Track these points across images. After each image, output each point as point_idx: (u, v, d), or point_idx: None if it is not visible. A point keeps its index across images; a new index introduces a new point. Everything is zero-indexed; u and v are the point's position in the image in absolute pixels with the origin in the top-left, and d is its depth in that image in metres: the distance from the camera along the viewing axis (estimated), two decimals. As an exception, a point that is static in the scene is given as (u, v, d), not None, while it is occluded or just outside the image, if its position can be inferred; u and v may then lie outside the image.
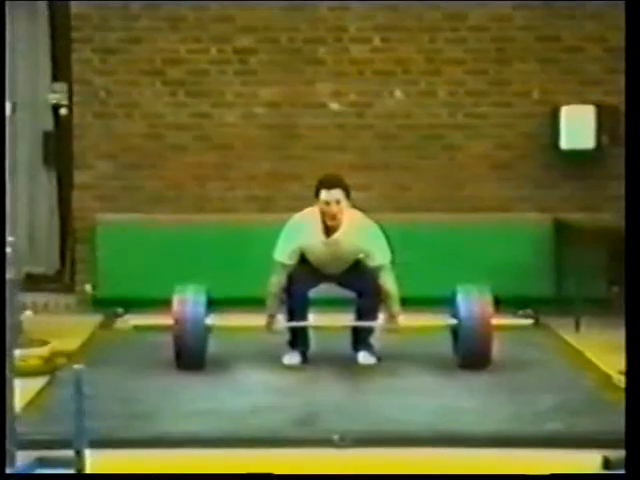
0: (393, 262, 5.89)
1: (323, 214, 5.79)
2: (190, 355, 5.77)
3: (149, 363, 5.93)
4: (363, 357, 5.98)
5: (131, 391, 5.34)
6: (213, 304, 5.99)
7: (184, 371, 5.74)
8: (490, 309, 5.81)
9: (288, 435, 4.60)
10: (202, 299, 5.87)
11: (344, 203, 5.81)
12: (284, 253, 5.85)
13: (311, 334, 6.06)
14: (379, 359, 5.97)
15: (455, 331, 5.91)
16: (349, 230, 5.82)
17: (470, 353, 5.78)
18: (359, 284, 5.92)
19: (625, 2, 4.93)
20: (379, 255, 5.82)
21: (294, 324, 5.95)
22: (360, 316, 6.00)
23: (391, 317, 5.90)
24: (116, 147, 7.82)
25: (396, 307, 5.88)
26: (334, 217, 5.78)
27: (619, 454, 4.01)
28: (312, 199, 5.85)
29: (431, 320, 6.15)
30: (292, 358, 5.96)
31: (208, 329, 5.87)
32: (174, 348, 5.77)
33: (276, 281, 5.87)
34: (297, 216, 5.94)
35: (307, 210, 5.92)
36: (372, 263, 5.83)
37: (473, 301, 5.85)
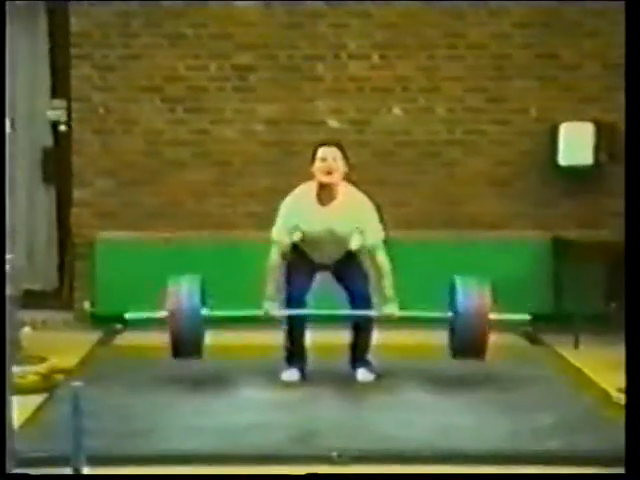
0: (386, 242, 5.86)
1: (319, 174, 5.74)
2: (186, 346, 5.70)
3: (147, 380, 5.91)
4: (362, 374, 5.96)
5: (129, 408, 5.33)
6: (208, 294, 5.88)
7: (182, 388, 5.73)
8: (488, 302, 5.71)
9: (286, 452, 4.59)
10: (197, 290, 5.78)
11: (341, 164, 5.78)
12: (280, 231, 5.82)
13: (309, 350, 6.04)
14: (378, 376, 5.96)
15: (451, 323, 5.82)
16: (345, 201, 5.79)
17: (465, 346, 5.70)
18: (353, 284, 5.88)
19: (625, 4, 4.96)
20: (373, 232, 5.81)
21: (292, 312, 5.84)
22: (357, 330, 5.97)
23: (386, 300, 5.82)
24: (115, 163, 7.83)
25: (390, 290, 5.83)
26: (330, 173, 5.72)
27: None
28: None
29: (427, 312, 6.02)
30: (291, 375, 5.94)
31: (204, 320, 5.78)
32: (170, 340, 5.70)
33: (273, 262, 5.83)
34: (292, 193, 5.90)
35: (301, 185, 5.89)
36: (366, 241, 5.78)
37: (471, 294, 5.75)
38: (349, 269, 5.93)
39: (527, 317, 5.98)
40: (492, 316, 5.68)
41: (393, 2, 7.79)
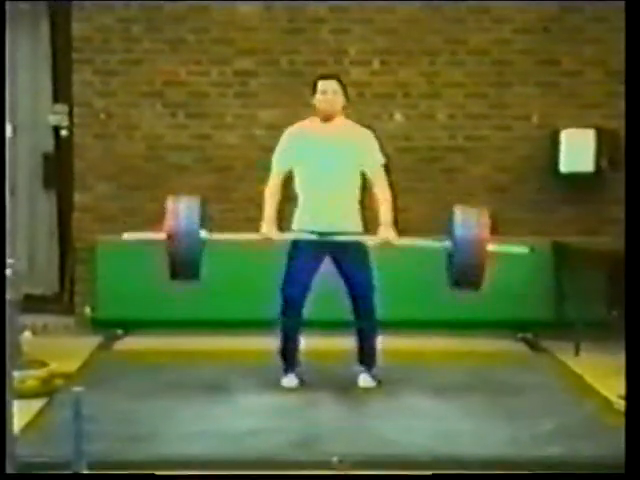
0: (386, 167, 5.87)
1: (320, 104, 5.82)
2: (184, 268, 5.63)
3: (148, 385, 5.91)
4: (363, 380, 5.95)
5: (130, 413, 5.33)
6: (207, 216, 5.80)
7: (182, 392, 5.71)
8: (486, 233, 5.63)
9: (287, 457, 4.60)
10: (196, 211, 5.68)
11: (341, 98, 5.86)
12: (279, 155, 5.88)
13: (310, 356, 6.04)
14: (379, 382, 5.95)
15: (450, 253, 5.74)
16: (344, 128, 5.88)
17: (463, 276, 5.66)
18: (357, 277, 5.84)
19: (625, 4, 4.96)
20: (373, 156, 5.83)
21: (290, 235, 5.83)
22: (361, 335, 5.96)
23: (385, 226, 5.77)
24: (116, 168, 7.83)
25: (388, 215, 5.78)
26: (331, 105, 5.81)
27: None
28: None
29: (426, 241, 5.97)
30: (290, 381, 5.92)
31: (203, 242, 5.68)
32: (168, 262, 5.62)
33: (271, 186, 5.85)
34: (294, 125, 5.97)
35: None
36: (367, 165, 5.79)
37: (470, 224, 5.67)
38: (350, 255, 5.84)
39: (526, 250, 5.91)
40: (491, 247, 5.61)
41: (394, 8, 7.80)
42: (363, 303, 5.91)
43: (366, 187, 5.94)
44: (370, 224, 5.97)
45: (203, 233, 5.66)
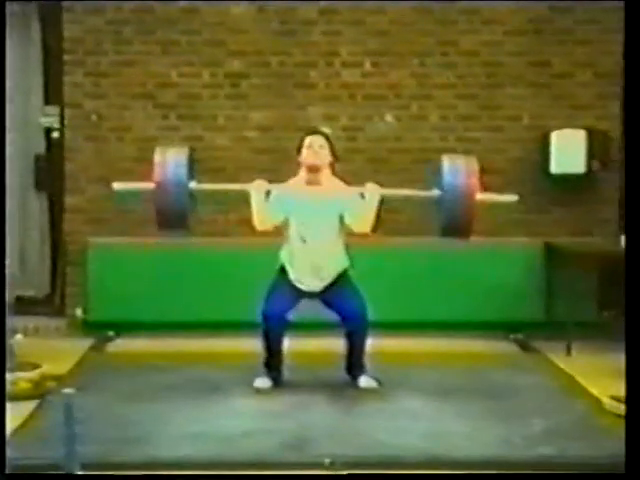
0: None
1: (306, 159, 5.79)
2: (172, 218, 5.62)
3: (140, 387, 5.90)
4: (365, 382, 5.93)
5: (122, 415, 5.32)
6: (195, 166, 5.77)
7: (175, 394, 5.70)
8: (475, 181, 5.62)
9: (279, 459, 4.59)
10: (184, 161, 5.65)
11: (327, 153, 5.83)
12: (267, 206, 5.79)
13: (303, 358, 6.04)
14: (380, 383, 5.93)
15: (438, 201, 5.75)
16: (331, 181, 5.85)
17: (452, 224, 5.67)
18: (345, 306, 5.86)
19: (625, 7, 4.99)
20: (355, 200, 5.78)
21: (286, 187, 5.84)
22: (350, 338, 5.96)
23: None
24: (108, 170, 7.80)
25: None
26: (318, 157, 5.78)
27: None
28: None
29: (414, 191, 5.98)
30: (263, 383, 5.90)
31: (191, 193, 5.65)
32: (155, 211, 5.60)
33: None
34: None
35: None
36: (348, 210, 5.76)
37: (458, 172, 5.66)
38: (338, 289, 5.88)
39: (515, 198, 5.92)
40: (479, 196, 5.60)
41: (385, 9, 7.81)
42: (356, 327, 5.90)
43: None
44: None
45: (192, 184, 5.66)
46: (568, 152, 7.68)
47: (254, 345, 5.98)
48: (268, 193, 5.81)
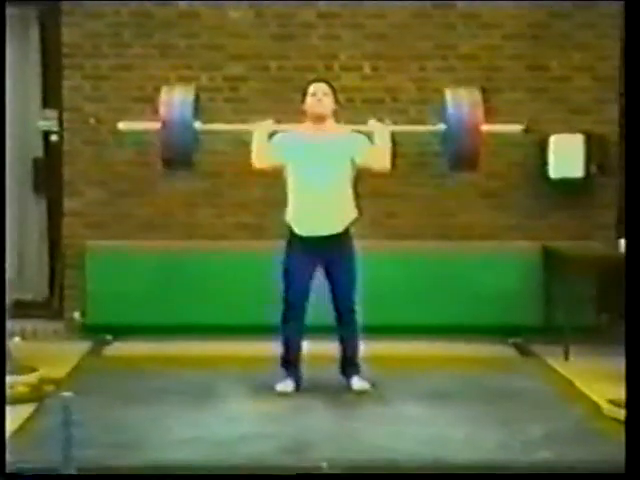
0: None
1: (310, 107, 5.82)
2: (177, 156, 5.68)
3: (137, 391, 5.90)
4: (356, 383, 5.93)
5: (119, 419, 5.31)
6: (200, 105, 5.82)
7: (172, 399, 5.70)
8: (480, 113, 5.66)
9: (277, 463, 4.59)
10: (190, 101, 5.71)
11: (331, 100, 5.87)
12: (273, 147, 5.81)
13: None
14: (372, 384, 5.94)
15: (444, 136, 5.77)
16: (336, 126, 5.89)
17: (458, 157, 5.71)
18: (340, 287, 5.83)
19: (625, 7, 4.99)
20: (364, 144, 5.83)
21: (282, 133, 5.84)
22: (343, 340, 5.95)
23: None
24: (106, 174, 7.82)
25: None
26: (322, 106, 5.81)
27: None
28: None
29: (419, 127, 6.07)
30: (286, 386, 5.89)
31: (196, 132, 5.72)
32: (160, 149, 5.67)
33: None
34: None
35: None
36: (358, 154, 5.80)
37: (462, 105, 5.71)
38: (339, 265, 5.85)
39: (520, 128, 5.94)
40: (484, 127, 5.63)
41: (384, 13, 7.81)
42: (344, 304, 5.89)
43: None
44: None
45: (197, 124, 5.71)
46: (566, 156, 7.68)
47: (252, 349, 5.99)
48: (271, 137, 5.82)
